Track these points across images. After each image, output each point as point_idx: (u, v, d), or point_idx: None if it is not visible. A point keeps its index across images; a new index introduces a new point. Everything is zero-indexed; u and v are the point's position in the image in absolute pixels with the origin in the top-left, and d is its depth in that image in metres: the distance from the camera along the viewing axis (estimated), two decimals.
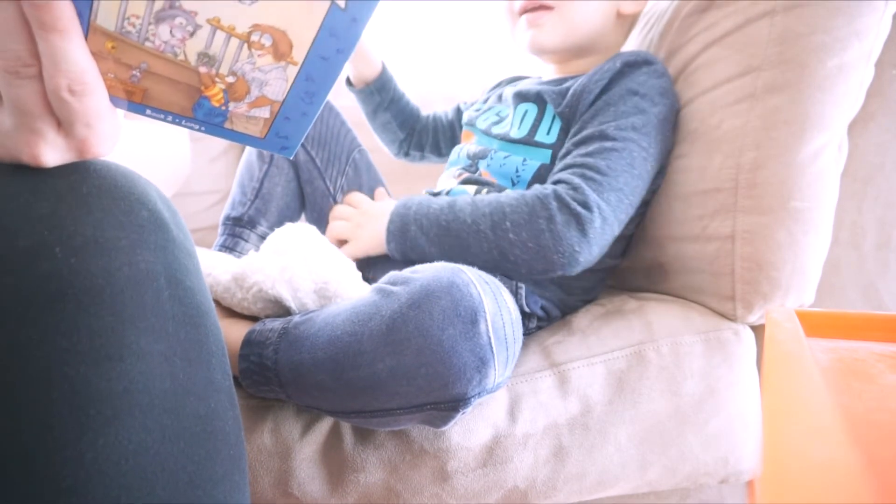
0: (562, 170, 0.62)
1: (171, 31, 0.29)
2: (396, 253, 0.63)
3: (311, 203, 0.82)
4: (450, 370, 0.41)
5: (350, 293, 0.54)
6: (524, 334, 0.63)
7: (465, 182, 0.73)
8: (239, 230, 0.78)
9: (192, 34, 0.29)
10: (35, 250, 0.29)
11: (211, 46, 0.30)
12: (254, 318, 0.56)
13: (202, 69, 0.31)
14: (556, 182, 0.61)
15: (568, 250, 0.57)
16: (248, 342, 0.51)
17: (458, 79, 1.16)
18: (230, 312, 0.56)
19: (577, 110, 0.67)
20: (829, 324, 0.44)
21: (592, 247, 0.58)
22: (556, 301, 0.66)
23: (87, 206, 0.31)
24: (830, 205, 0.59)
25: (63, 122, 0.31)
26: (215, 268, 0.57)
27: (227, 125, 0.35)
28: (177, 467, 0.30)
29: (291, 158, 0.38)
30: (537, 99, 0.72)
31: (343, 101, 0.90)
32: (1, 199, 0.31)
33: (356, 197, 0.76)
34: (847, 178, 0.61)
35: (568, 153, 0.64)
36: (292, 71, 0.32)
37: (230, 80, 0.32)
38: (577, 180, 0.59)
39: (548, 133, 0.69)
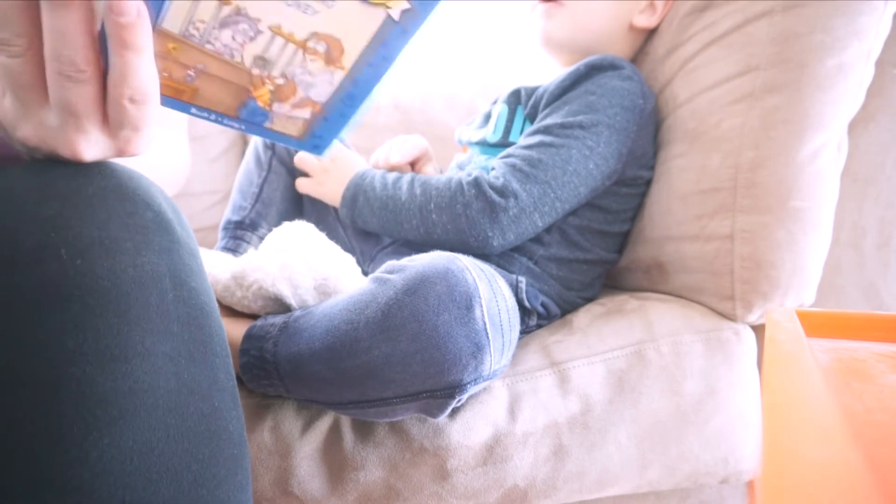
0: (501, 157, 0.65)
1: (232, 36, 0.30)
2: (346, 219, 0.70)
3: (310, 208, 0.82)
4: (445, 356, 0.42)
5: (350, 288, 0.54)
6: (525, 332, 0.63)
7: None
8: (241, 233, 0.79)
9: (252, 39, 0.30)
10: (41, 251, 0.30)
11: (268, 51, 0.31)
12: (254, 317, 0.56)
13: (255, 71, 0.32)
14: (491, 169, 0.64)
15: (481, 234, 0.61)
16: (248, 337, 0.51)
17: (458, 79, 1.16)
18: (230, 311, 0.57)
19: (538, 110, 0.69)
20: (830, 324, 0.44)
21: (506, 233, 0.61)
22: (555, 296, 0.66)
23: (92, 208, 0.31)
24: (830, 204, 0.59)
25: (112, 124, 0.31)
26: (215, 267, 0.57)
27: (268, 125, 0.35)
28: (181, 466, 0.30)
29: (321, 155, 0.40)
30: (510, 99, 0.75)
31: None
32: (7, 201, 0.31)
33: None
34: (847, 178, 0.61)
35: (515, 145, 0.66)
36: (339, 75, 0.33)
37: (280, 81, 0.33)
38: (503, 169, 0.63)
39: (520, 133, 0.71)
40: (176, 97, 0.33)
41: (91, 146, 0.32)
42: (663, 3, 0.75)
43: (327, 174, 0.73)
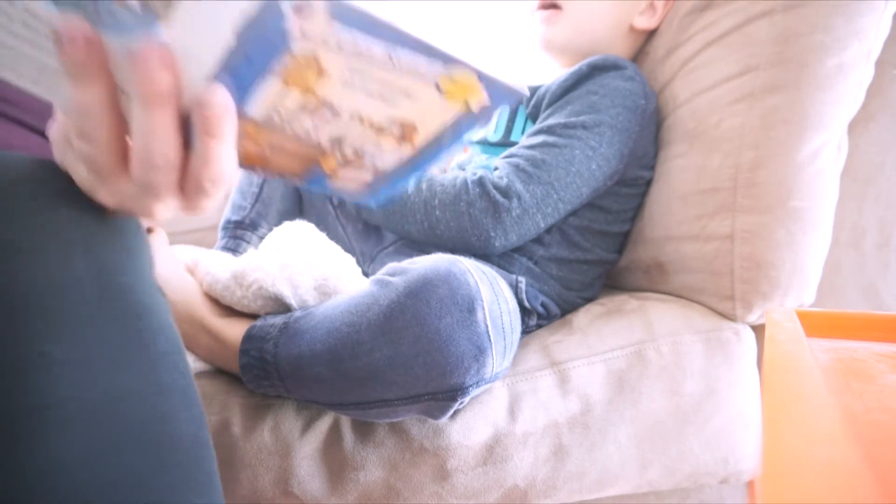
0: (504, 157, 0.65)
1: (312, 122, 0.30)
2: (353, 211, 0.70)
3: (310, 207, 0.82)
4: (447, 359, 0.42)
5: (350, 289, 0.54)
6: (525, 332, 0.63)
7: None
8: (241, 232, 0.79)
9: (330, 122, 0.30)
10: None
11: (345, 132, 0.31)
12: (253, 317, 0.56)
13: (327, 146, 0.32)
14: (495, 169, 0.64)
15: (483, 234, 0.61)
16: (248, 337, 0.51)
17: None
18: (230, 311, 0.57)
19: (540, 109, 0.69)
20: (830, 324, 0.44)
21: (509, 234, 0.61)
22: (555, 296, 0.67)
23: None
24: (830, 204, 0.58)
25: (188, 195, 0.31)
26: (214, 266, 0.57)
27: (329, 182, 0.36)
28: (117, 479, 0.28)
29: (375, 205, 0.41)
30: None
31: None
32: None
33: None
34: (847, 178, 0.61)
35: (518, 144, 0.66)
36: (407, 151, 0.33)
37: (349, 155, 0.33)
38: (507, 169, 0.62)
39: (521, 132, 0.72)
40: (245, 163, 0.33)
41: (167, 208, 0.31)
42: (663, 3, 0.75)
43: None
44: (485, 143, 0.76)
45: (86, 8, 0.25)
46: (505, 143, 0.73)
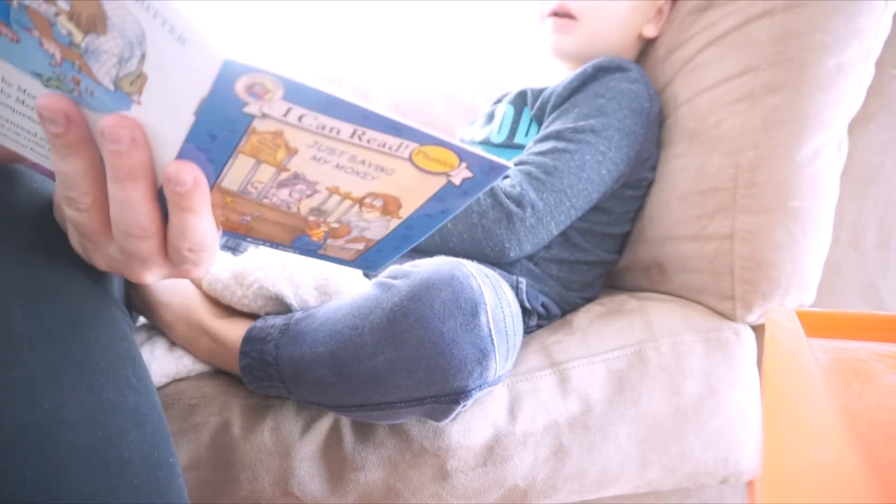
0: (516, 164, 0.64)
1: (290, 194, 0.30)
2: None
3: None
4: (450, 362, 0.41)
5: (350, 289, 0.54)
6: (525, 332, 0.63)
7: None
8: None
9: (309, 196, 0.30)
10: None
11: (325, 204, 0.31)
12: (252, 317, 0.56)
13: (311, 218, 0.32)
14: (505, 178, 0.63)
15: (497, 245, 0.60)
16: (248, 339, 0.51)
17: (458, 79, 1.16)
18: (229, 311, 0.56)
19: (545, 111, 0.69)
20: (830, 324, 0.44)
21: (523, 243, 0.61)
22: (555, 297, 0.66)
23: None
24: (830, 204, 0.58)
25: (174, 262, 0.31)
26: (214, 265, 0.57)
27: (321, 252, 0.36)
28: None
29: (374, 271, 0.40)
30: (516, 100, 0.75)
31: None
32: None
33: None
34: (847, 178, 0.61)
35: (527, 150, 0.65)
36: (395, 223, 0.33)
37: (335, 226, 0.33)
38: (519, 177, 0.61)
39: (526, 135, 0.72)
40: (231, 231, 0.33)
41: (154, 275, 0.32)
42: (668, 8, 0.75)
43: None
44: (487, 144, 0.76)
45: (69, 87, 0.26)
46: (509, 144, 0.72)
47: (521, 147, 0.71)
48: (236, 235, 0.34)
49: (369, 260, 0.37)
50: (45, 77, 0.26)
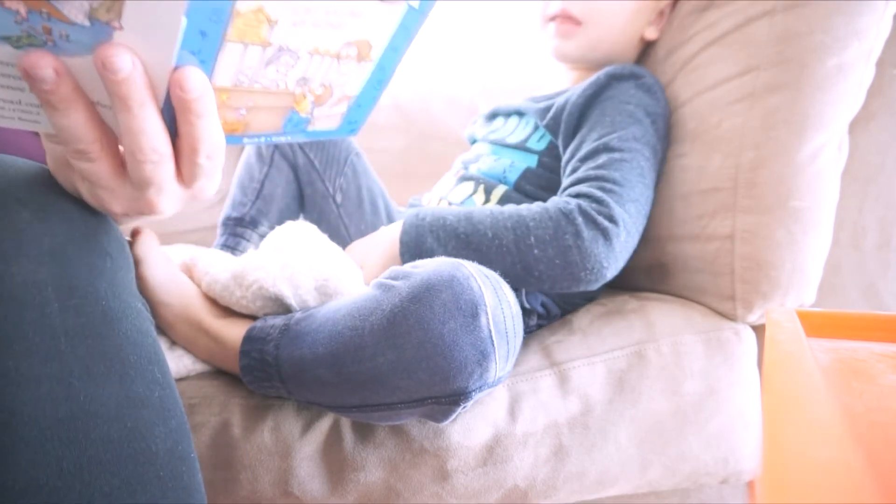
0: (575, 184, 0.61)
1: (276, 69, 0.31)
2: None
3: (311, 204, 0.82)
4: (451, 364, 0.41)
5: (351, 290, 0.54)
6: (525, 332, 0.63)
7: (463, 179, 0.75)
8: (240, 230, 0.79)
9: (293, 66, 0.32)
10: None
11: (308, 70, 0.32)
12: (252, 318, 0.56)
13: (297, 90, 0.33)
14: (575, 196, 0.59)
15: (596, 266, 0.56)
16: (249, 338, 0.51)
17: (457, 79, 1.16)
18: (228, 311, 0.56)
19: (562, 120, 0.68)
20: (830, 324, 0.44)
21: (619, 260, 0.58)
22: (555, 297, 0.66)
23: None
24: (830, 204, 0.58)
25: (188, 179, 0.31)
26: (214, 266, 0.57)
27: (310, 127, 0.37)
28: (90, 500, 0.27)
29: (355, 134, 0.41)
30: (528, 114, 0.75)
31: None
32: None
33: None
34: (847, 178, 0.61)
35: (575, 169, 0.63)
36: (368, 67, 0.35)
37: (319, 91, 0.34)
38: (598, 193, 0.58)
39: (538, 141, 0.72)
40: (230, 133, 0.34)
41: (171, 202, 0.32)
42: (669, 10, 0.75)
43: (370, 243, 0.65)
44: (500, 143, 0.75)
45: (41, 39, 0.25)
46: (520, 146, 0.72)
47: (530, 150, 0.71)
48: (234, 138, 0.35)
49: (351, 121, 0.39)
50: (13, 38, 0.25)
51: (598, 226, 0.56)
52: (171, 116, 0.29)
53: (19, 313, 0.28)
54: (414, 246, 0.59)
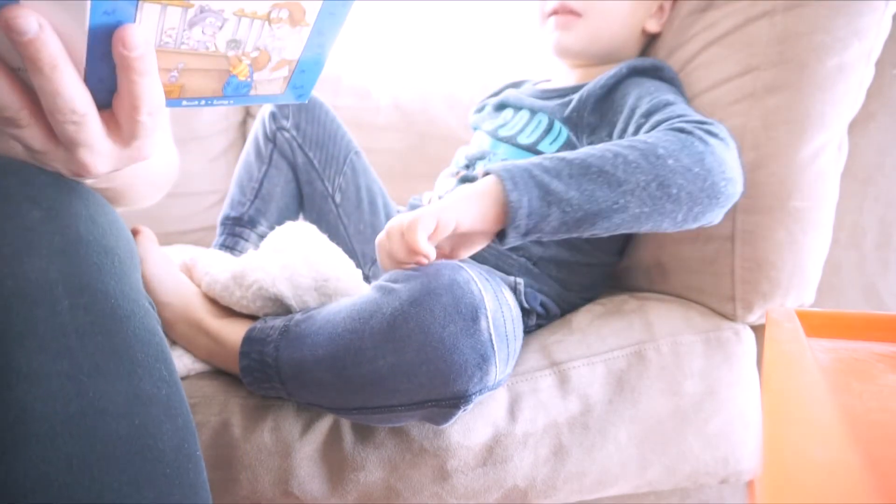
0: (654, 127, 0.56)
1: (202, 31, 0.31)
2: (524, 208, 0.47)
3: (311, 203, 0.82)
4: (451, 367, 0.41)
5: (351, 291, 0.54)
6: (525, 332, 0.63)
7: (464, 180, 0.73)
8: (239, 230, 0.78)
9: (220, 28, 0.32)
10: None
11: (237, 32, 0.33)
12: (252, 318, 0.56)
13: (230, 53, 0.34)
14: (678, 128, 0.54)
15: (733, 173, 0.51)
16: (248, 339, 0.51)
17: (458, 79, 1.16)
18: (228, 311, 0.56)
19: (585, 112, 0.67)
20: (830, 324, 0.44)
21: (742, 172, 0.54)
22: (554, 297, 0.66)
23: None
24: (830, 204, 0.58)
25: (126, 137, 0.31)
26: (213, 266, 0.57)
27: (252, 92, 0.38)
28: (90, 499, 0.27)
29: (305, 101, 0.41)
30: (542, 111, 0.72)
31: (339, 100, 0.89)
32: None
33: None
34: (847, 178, 0.61)
35: (641, 124, 0.59)
36: (305, 31, 0.35)
37: (254, 54, 0.35)
38: (696, 116, 0.55)
39: (551, 143, 0.70)
40: (168, 96, 0.35)
41: (104, 161, 0.32)
42: (670, 4, 0.75)
43: (437, 203, 0.49)
44: (511, 143, 0.72)
45: None
46: (531, 148, 0.70)
47: (541, 154, 0.69)
48: (173, 101, 0.35)
49: (297, 87, 0.39)
50: None
51: (717, 136, 0.52)
52: (109, 73, 0.30)
53: (30, 310, 0.28)
54: (523, 182, 0.47)
